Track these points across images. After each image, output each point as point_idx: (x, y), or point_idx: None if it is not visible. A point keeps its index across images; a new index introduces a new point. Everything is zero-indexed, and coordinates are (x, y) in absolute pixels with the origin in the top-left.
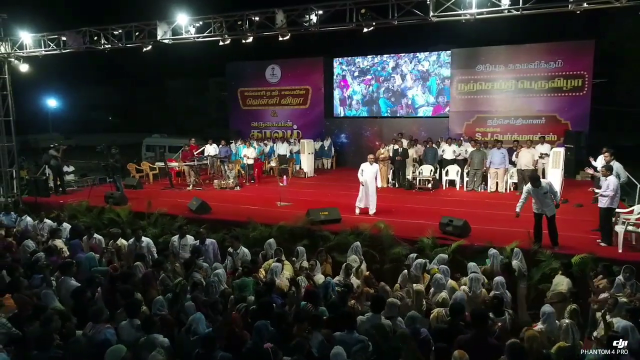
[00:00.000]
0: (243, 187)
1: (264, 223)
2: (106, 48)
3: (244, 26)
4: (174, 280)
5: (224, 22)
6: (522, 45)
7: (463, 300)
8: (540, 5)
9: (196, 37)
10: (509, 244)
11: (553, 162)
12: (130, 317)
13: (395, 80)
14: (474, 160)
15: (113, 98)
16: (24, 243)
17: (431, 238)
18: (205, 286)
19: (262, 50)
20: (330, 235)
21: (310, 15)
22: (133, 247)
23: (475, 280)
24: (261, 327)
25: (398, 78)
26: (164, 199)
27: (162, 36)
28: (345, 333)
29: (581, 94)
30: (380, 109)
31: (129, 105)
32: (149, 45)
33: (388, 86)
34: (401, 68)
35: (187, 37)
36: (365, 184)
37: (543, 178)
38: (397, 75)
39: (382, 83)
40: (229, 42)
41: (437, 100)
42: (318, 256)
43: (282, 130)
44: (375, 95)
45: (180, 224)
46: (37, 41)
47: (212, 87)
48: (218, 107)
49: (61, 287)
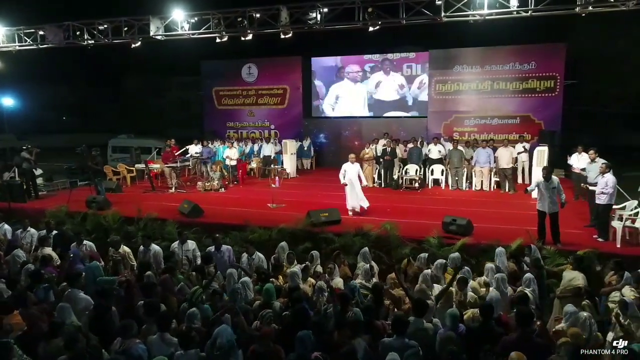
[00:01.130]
0: (227, 189)
1: (261, 226)
2: (90, 44)
3: (244, 23)
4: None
5: (222, 18)
6: (498, 47)
7: (498, 301)
8: (548, 7)
9: (191, 34)
10: (512, 241)
11: (537, 160)
12: (161, 331)
13: (372, 80)
14: (453, 159)
15: (67, 97)
16: (13, 253)
17: (437, 238)
18: (231, 294)
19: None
20: (333, 237)
21: (315, 13)
22: (142, 255)
23: (502, 280)
24: (304, 337)
25: (375, 78)
26: (148, 202)
27: (155, 32)
28: (395, 338)
29: (553, 95)
30: (358, 109)
31: (84, 105)
32: (138, 41)
33: (365, 86)
34: (378, 68)
35: (181, 34)
36: (351, 183)
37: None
38: (375, 75)
39: (359, 83)
40: (226, 39)
41: (412, 101)
42: (335, 259)
43: (259, 130)
44: (352, 95)
45: (181, 230)
46: (11, 35)
47: (174, 87)
48: (180, 107)
49: (69, 300)
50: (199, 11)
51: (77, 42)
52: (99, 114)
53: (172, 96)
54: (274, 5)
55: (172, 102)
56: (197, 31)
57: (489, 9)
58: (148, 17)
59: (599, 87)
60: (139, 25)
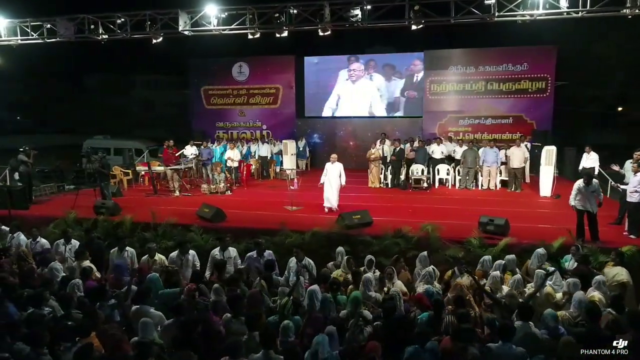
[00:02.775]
0: (233, 192)
1: (291, 230)
2: (104, 39)
3: (282, 19)
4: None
5: (257, 14)
6: (491, 49)
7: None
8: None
9: (222, 30)
10: (551, 240)
11: (546, 159)
12: (266, 348)
13: (367, 80)
14: (468, 159)
15: (22, 96)
16: (50, 266)
17: (478, 238)
18: (322, 303)
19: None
20: (371, 239)
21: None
22: (178, 261)
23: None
24: (418, 353)
25: (369, 78)
26: (157, 207)
27: (184, 27)
28: (502, 344)
29: (544, 96)
30: (353, 109)
31: (40, 104)
32: (160, 37)
33: (361, 86)
34: (372, 68)
35: (209, 29)
36: (330, 183)
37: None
38: (370, 75)
39: (355, 83)
40: (258, 36)
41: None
42: (395, 264)
43: (250, 130)
44: (348, 95)
45: (222, 236)
46: (12, 28)
47: (139, 85)
48: (145, 106)
49: (139, 318)
50: (233, 6)
51: (91, 37)
52: (57, 113)
53: (136, 95)
54: (315, 2)
55: (137, 101)
56: (228, 27)
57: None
58: (176, 11)
59: (590, 89)
60: (166, 19)
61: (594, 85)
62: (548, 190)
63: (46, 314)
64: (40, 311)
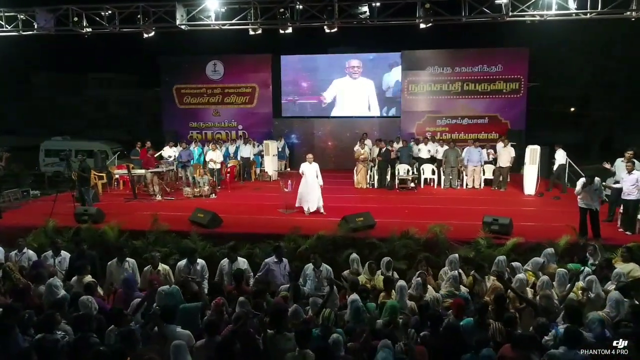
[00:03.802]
0: (217, 194)
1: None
2: (88, 32)
3: (286, 15)
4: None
5: (260, 9)
6: (467, 50)
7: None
8: (603, 11)
9: (222, 25)
10: (556, 239)
11: (530, 158)
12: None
13: (345, 80)
14: (450, 158)
15: None
16: (49, 282)
17: (485, 239)
18: (355, 313)
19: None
20: (378, 242)
21: (364, 7)
22: (186, 271)
23: (592, 281)
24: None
25: (348, 77)
26: (139, 212)
27: (181, 21)
28: (566, 351)
29: (518, 96)
30: (330, 109)
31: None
32: (152, 31)
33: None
34: (349, 67)
35: (207, 24)
36: (306, 183)
37: None
38: (348, 75)
39: (332, 82)
40: (260, 32)
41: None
42: (418, 267)
43: (225, 130)
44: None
45: (233, 244)
46: None
47: (91, 84)
48: (98, 106)
49: (164, 339)
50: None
51: (74, 30)
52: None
53: (88, 94)
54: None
55: (89, 100)
56: (228, 22)
57: (548, 9)
58: (173, 4)
59: (561, 89)
60: (158, 13)
61: (560, 86)
62: (532, 188)
63: (60, 339)
64: (53, 336)
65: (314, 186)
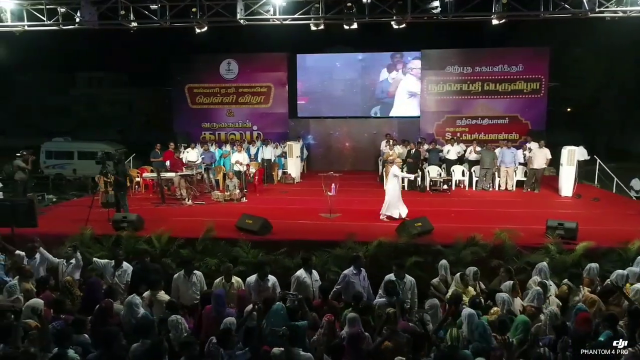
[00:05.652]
0: (248, 199)
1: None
2: (134, 27)
3: (353, 9)
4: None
5: (324, 3)
6: (487, 49)
7: None
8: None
9: (283, 20)
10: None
11: (568, 159)
12: None
13: (364, 79)
14: (486, 160)
15: None
16: (129, 300)
17: (555, 244)
18: None
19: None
20: (442, 249)
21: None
22: (256, 287)
23: None
24: None
25: (368, 77)
26: (173, 218)
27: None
28: None
29: (539, 96)
30: (348, 109)
31: None
32: (205, 26)
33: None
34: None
35: (267, 18)
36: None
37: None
38: (369, 74)
39: (351, 82)
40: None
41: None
42: (505, 276)
43: (239, 131)
44: (342, 94)
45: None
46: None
47: (80, 83)
48: (88, 106)
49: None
50: None
51: (122, 24)
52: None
53: (78, 93)
54: None
55: (80, 99)
56: (289, 16)
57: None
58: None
59: (582, 89)
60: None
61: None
62: (569, 190)
63: None
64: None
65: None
